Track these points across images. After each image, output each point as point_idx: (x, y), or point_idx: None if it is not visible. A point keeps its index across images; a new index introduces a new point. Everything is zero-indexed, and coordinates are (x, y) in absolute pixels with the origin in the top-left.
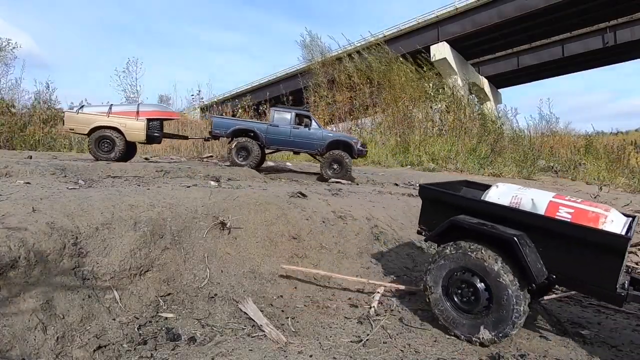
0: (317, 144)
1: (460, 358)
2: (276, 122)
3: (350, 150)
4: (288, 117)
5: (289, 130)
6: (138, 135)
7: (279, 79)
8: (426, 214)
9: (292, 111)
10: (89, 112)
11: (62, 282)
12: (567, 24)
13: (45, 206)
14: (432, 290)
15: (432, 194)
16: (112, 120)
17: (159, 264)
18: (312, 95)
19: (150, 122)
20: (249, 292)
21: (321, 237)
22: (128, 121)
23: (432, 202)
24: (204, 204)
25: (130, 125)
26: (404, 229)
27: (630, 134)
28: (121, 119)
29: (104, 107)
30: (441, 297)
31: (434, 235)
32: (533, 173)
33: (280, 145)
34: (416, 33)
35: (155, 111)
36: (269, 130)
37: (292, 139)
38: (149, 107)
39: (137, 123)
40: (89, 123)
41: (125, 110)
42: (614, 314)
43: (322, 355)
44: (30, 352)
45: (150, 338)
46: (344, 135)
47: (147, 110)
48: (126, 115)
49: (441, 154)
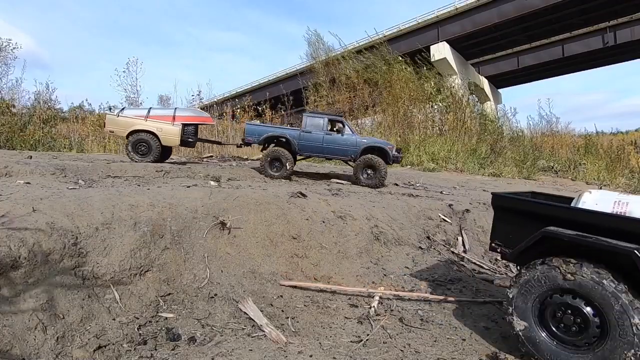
0: (350, 150)
1: (460, 358)
2: (308, 128)
3: (385, 156)
4: (321, 123)
5: (322, 137)
6: (173, 140)
7: (279, 79)
8: (502, 227)
9: (324, 117)
10: (129, 115)
11: (62, 282)
12: (567, 24)
13: (45, 206)
14: (520, 319)
15: (511, 203)
16: (150, 125)
17: (159, 264)
18: (312, 95)
19: (186, 127)
20: (249, 292)
21: (321, 237)
22: (164, 126)
23: (510, 213)
24: (204, 204)
25: (167, 130)
26: (404, 229)
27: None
28: (158, 124)
29: (142, 110)
30: (533, 327)
31: (518, 251)
32: (533, 173)
33: (313, 152)
34: (416, 33)
35: (190, 116)
36: (301, 137)
37: (324, 145)
38: (185, 112)
39: (173, 128)
40: (128, 126)
41: (162, 114)
42: None
43: (322, 355)
44: (30, 352)
45: (150, 338)
46: (379, 140)
47: (183, 115)
48: (163, 120)
49: (441, 154)
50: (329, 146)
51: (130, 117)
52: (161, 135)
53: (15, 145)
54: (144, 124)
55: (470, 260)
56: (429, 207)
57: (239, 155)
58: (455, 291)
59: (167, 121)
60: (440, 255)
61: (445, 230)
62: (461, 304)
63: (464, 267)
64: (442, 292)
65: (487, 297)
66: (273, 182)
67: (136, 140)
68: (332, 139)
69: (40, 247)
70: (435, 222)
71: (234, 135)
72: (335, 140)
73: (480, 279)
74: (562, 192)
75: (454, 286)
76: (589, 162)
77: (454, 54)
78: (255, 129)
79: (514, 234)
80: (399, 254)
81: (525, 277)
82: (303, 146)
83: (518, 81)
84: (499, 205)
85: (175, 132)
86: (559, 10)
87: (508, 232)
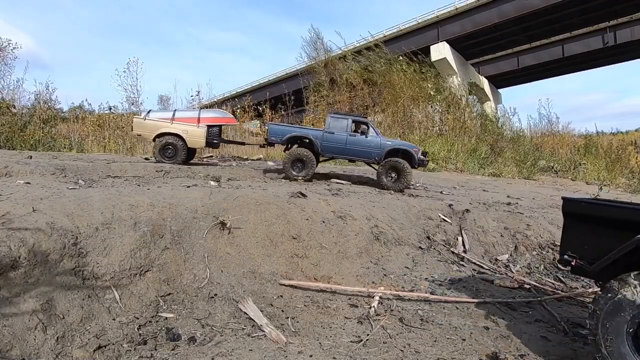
0: (374, 152)
1: (460, 358)
2: (332, 128)
3: (411, 159)
4: (344, 124)
5: (345, 138)
6: (198, 142)
7: (279, 78)
8: (577, 237)
9: (348, 118)
10: (155, 118)
11: (62, 282)
12: (567, 24)
13: (45, 206)
14: (611, 344)
15: (589, 210)
16: (175, 127)
17: (159, 264)
18: (313, 94)
19: (210, 129)
20: (249, 292)
21: (321, 237)
22: (190, 128)
23: (587, 221)
24: (204, 204)
25: (192, 132)
26: (404, 229)
27: (630, 134)
28: (183, 126)
29: (168, 113)
30: (630, 354)
31: (603, 264)
32: (533, 173)
33: (336, 153)
34: (416, 33)
35: (215, 117)
36: (324, 137)
37: (348, 146)
38: (210, 114)
39: (198, 130)
40: (155, 129)
41: (187, 116)
42: None
43: (322, 355)
44: (30, 352)
45: (150, 338)
46: (404, 143)
47: (208, 116)
48: (188, 122)
49: (441, 154)
50: (353, 148)
51: (157, 119)
52: (187, 137)
53: (15, 145)
54: (170, 127)
55: (470, 260)
56: (429, 207)
57: (239, 155)
58: (455, 291)
59: (192, 123)
60: (440, 255)
61: (445, 230)
62: (461, 304)
63: (464, 267)
64: (442, 292)
65: (487, 297)
66: (273, 182)
67: (163, 144)
68: (356, 140)
69: (40, 247)
70: (435, 222)
71: (234, 135)
72: (359, 142)
73: (480, 279)
74: (563, 192)
75: (454, 286)
76: (589, 162)
77: (454, 54)
78: (278, 129)
79: (592, 244)
80: (399, 254)
81: (615, 294)
82: (326, 147)
83: (518, 81)
84: (573, 212)
85: (200, 133)
86: (559, 10)
87: (584, 242)
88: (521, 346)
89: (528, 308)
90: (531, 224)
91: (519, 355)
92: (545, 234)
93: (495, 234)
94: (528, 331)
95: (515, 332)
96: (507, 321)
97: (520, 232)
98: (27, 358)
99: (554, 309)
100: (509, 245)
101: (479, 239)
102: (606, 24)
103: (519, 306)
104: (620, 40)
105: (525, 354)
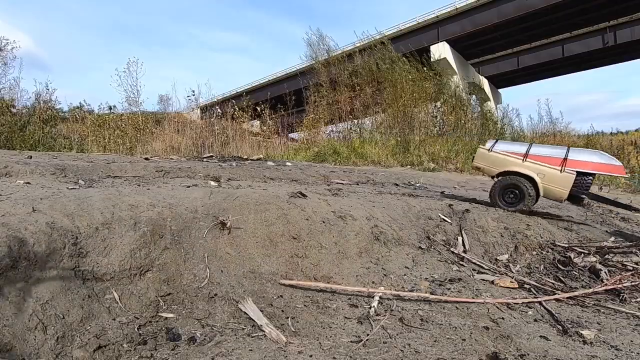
0: None
1: (460, 358)
2: None
3: None
4: None
5: None
6: (558, 192)
7: (279, 78)
8: None
9: None
10: (502, 152)
11: (62, 282)
12: (567, 24)
13: (45, 206)
14: None
15: None
16: (528, 166)
17: (159, 264)
18: (313, 95)
19: (581, 177)
20: (249, 292)
21: (321, 237)
22: (549, 170)
23: None
24: (204, 204)
25: (550, 177)
26: (404, 229)
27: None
28: (540, 167)
29: (521, 147)
30: None
31: None
32: None
33: None
34: (416, 33)
35: (593, 163)
36: None
37: None
38: (584, 155)
39: (561, 176)
40: (500, 165)
41: (547, 154)
42: (614, 314)
43: (322, 355)
44: (30, 352)
45: (150, 338)
46: None
47: (580, 159)
48: (547, 162)
49: (441, 154)
50: None
51: (505, 153)
52: (541, 182)
53: (15, 145)
54: (521, 165)
55: (470, 260)
56: (429, 207)
57: (239, 155)
58: (455, 291)
59: (553, 165)
60: (440, 255)
61: (445, 230)
62: (461, 304)
63: (464, 267)
64: (442, 292)
65: (487, 297)
66: (273, 182)
67: (506, 185)
68: None
69: (40, 247)
70: (435, 222)
71: (233, 135)
72: None
73: (480, 279)
74: None
75: (453, 286)
76: None
77: (454, 54)
78: None
79: None
80: (399, 254)
81: None
82: None
83: (518, 81)
84: None
85: (563, 182)
86: (559, 10)
87: None
88: (521, 346)
89: (528, 308)
90: (531, 224)
91: (519, 355)
92: (545, 234)
93: (495, 234)
94: (528, 331)
95: (515, 332)
96: (507, 321)
97: (520, 232)
98: (27, 358)
99: (553, 309)
100: (509, 245)
101: (478, 239)
102: (606, 24)
103: (519, 306)
104: (620, 40)
105: (525, 354)
